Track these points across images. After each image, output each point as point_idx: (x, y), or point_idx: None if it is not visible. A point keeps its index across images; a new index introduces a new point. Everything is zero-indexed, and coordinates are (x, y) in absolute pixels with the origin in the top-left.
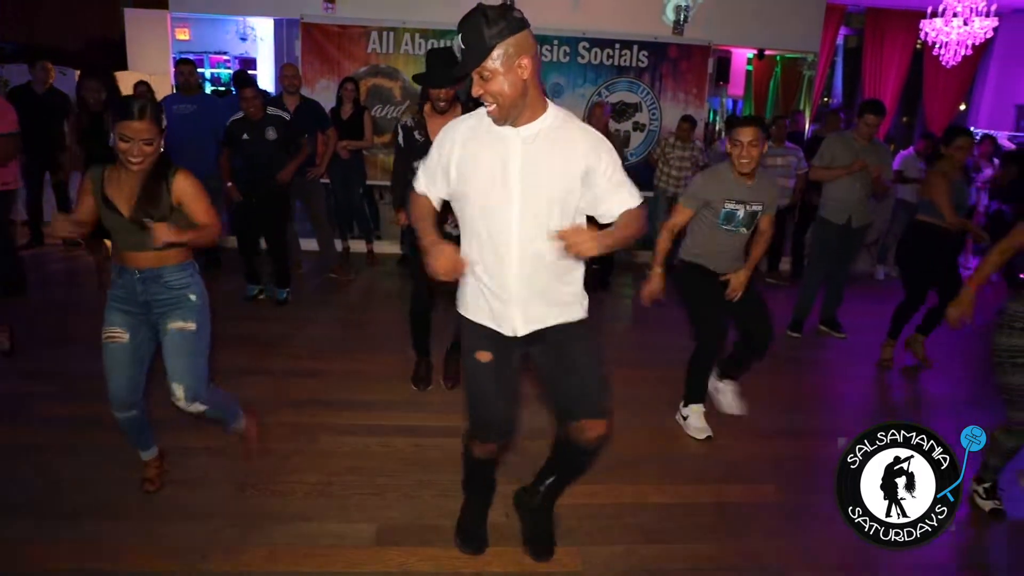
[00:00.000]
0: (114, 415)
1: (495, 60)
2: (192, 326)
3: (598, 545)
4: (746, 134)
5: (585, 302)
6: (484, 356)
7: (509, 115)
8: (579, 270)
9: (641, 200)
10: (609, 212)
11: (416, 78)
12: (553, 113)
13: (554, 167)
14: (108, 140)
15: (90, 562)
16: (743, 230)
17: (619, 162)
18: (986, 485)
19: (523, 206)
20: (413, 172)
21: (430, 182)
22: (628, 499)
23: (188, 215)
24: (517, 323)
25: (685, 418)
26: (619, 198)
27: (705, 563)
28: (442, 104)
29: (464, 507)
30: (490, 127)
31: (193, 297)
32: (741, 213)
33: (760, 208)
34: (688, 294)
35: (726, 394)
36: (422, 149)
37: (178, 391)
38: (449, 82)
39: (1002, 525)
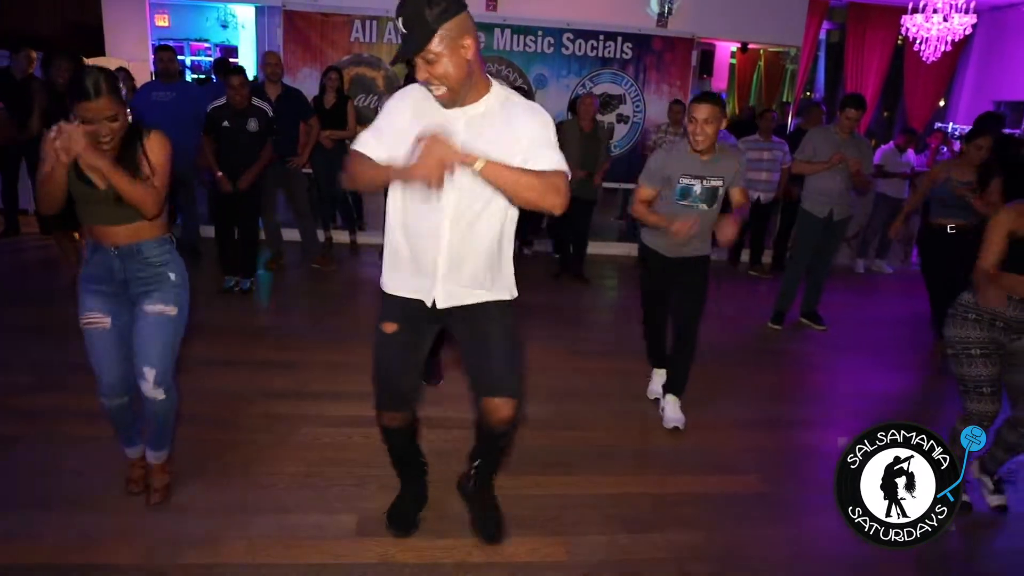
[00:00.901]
0: (104, 404)
1: (439, 43)
2: (172, 310)
3: (580, 535)
4: (701, 111)
5: (513, 287)
6: (390, 327)
7: (457, 97)
8: (508, 254)
9: (563, 170)
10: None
11: (398, 58)
12: (496, 92)
13: (496, 145)
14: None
15: (66, 556)
16: (702, 206)
17: (556, 139)
18: (996, 478)
19: (459, 182)
20: None
21: (377, 143)
22: (610, 489)
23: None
24: (438, 295)
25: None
26: (543, 158)
27: (687, 553)
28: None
29: (400, 486)
30: (426, 103)
31: (173, 276)
32: (698, 188)
33: (720, 183)
34: (641, 276)
35: (669, 406)
36: None
37: (149, 375)
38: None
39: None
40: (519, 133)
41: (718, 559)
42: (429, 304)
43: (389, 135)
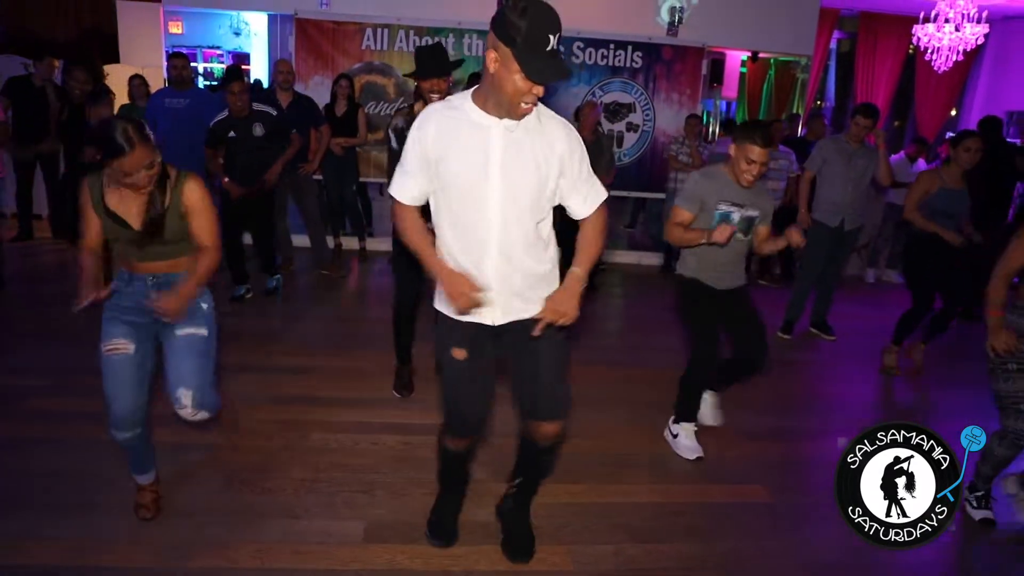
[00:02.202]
0: (115, 437)
1: None
2: (204, 331)
3: (586, 544)
4: (760, 155)
5: None
6: (459, 353)
7: None
8: (555, 261)
9: (605, 195)
10: (578, 209)
11: (410, 75)
12: None
13: (534, 156)
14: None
15: (78, 558)
16: (739, 235)
17: (587, 156)
18: (979, 494)
19: (504, 194)
20: None
21: (412, 182)
22: (616, 499)
23: (191, 228)
24: (496, 313)
25: (675, 436)
26: (588, 192)
27: (693, 563)
28: (435, 97)
29: (437, 500)
30: (468, 116)
31: (204, 305)
32: (736, 216)
33: (757, 215)
34: (685, 310)
35: (706, 403)
36: None
37: (185, 398)
38: (445, 71)
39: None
40: (554, 146)
41: (724, 569)
42: (489, 323)
43: (417, 168)
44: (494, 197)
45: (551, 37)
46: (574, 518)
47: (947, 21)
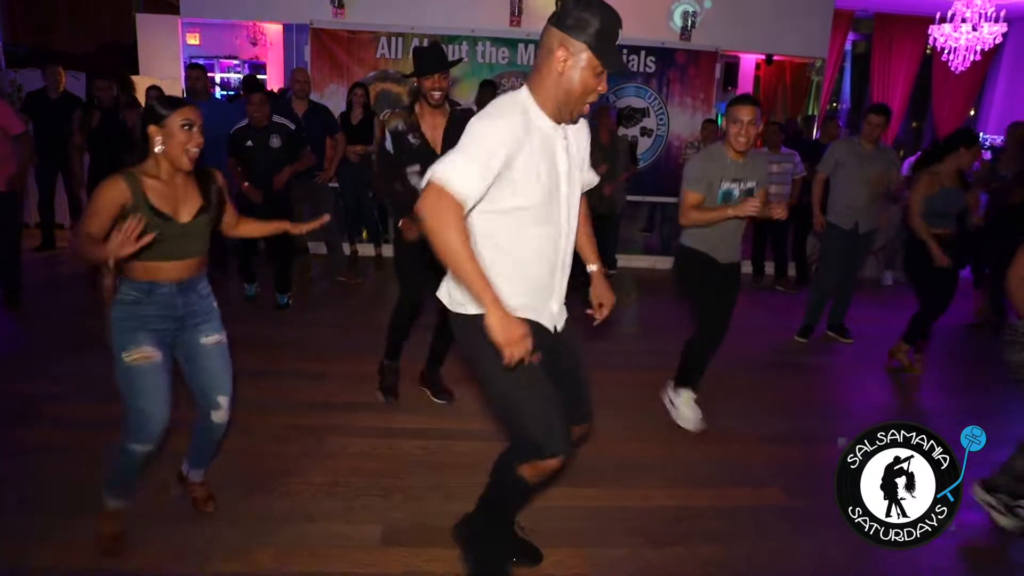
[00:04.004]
0: (141, 452)
1: None
2: (225, 338)
3: (603, 548)
4: (746, 113)
5: None
6: (536, 357)
7: None
8: None
9: (597, 179)
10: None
11: (410, 75)
12: None
13: (580, 157)
14: (121, 141)
15: (98, 561)
16: None
17: None
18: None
19: (570, 203)
20: (403, 177)
21: (480, 178)
22: (633, 502)
23: (225, 218)
24: (556, 318)
25: (673, 404)
26: (590, 179)
27: (710, 566)
28: (437, 95)
29: (491, 548)
30: (535, 121)
31: (215, 305)
32: (737, 192)
33: (755, 185)
34: (690, 282)
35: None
36: (418, 152)
37: (224, 402)
38: (445, 66)
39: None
40: (585, 142)
41: (741, 573)
42: (550, 327)
43: (488, 164)
44: (564, 206)
45: (619, 31)
46: (591, 522)
47: (964, 21)
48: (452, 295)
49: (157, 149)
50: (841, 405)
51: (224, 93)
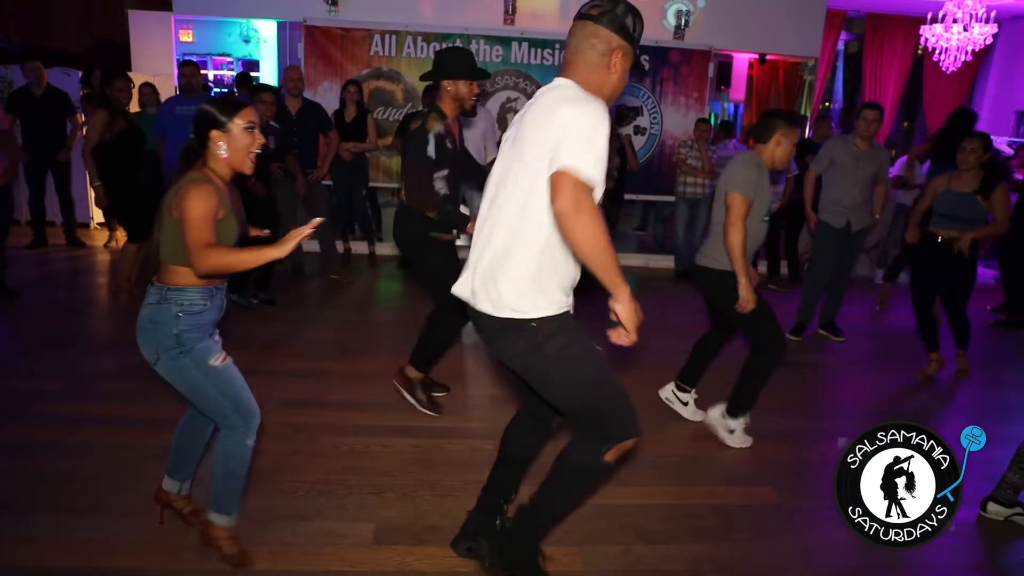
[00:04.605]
0: (251, 446)
1: None
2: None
3: (596, 545)
4: (796, 136)
5: None
6: (599, 345)
7: None
8: None
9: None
10: None
11: (469, 72)
12: None
13: None
14: (147, 143)
15: (89, 560)
16: (765, 218)
17: None
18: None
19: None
20: (435, 182)
21: (600, 174)
22: (626, 500)
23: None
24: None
25: (731, 431)
26: None
27: (702, 564)
28: (473, 101)
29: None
30: None
31: None
32: (774, 204)
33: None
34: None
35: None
36: (453, 158)
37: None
38: (486, 75)
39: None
40: None
41: (733, 570)
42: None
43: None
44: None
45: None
46: (583, 519)
47: (955, 21)
48: (535, 300)
49: (222, 154)
50: (832, 403)
51: (218, 91)
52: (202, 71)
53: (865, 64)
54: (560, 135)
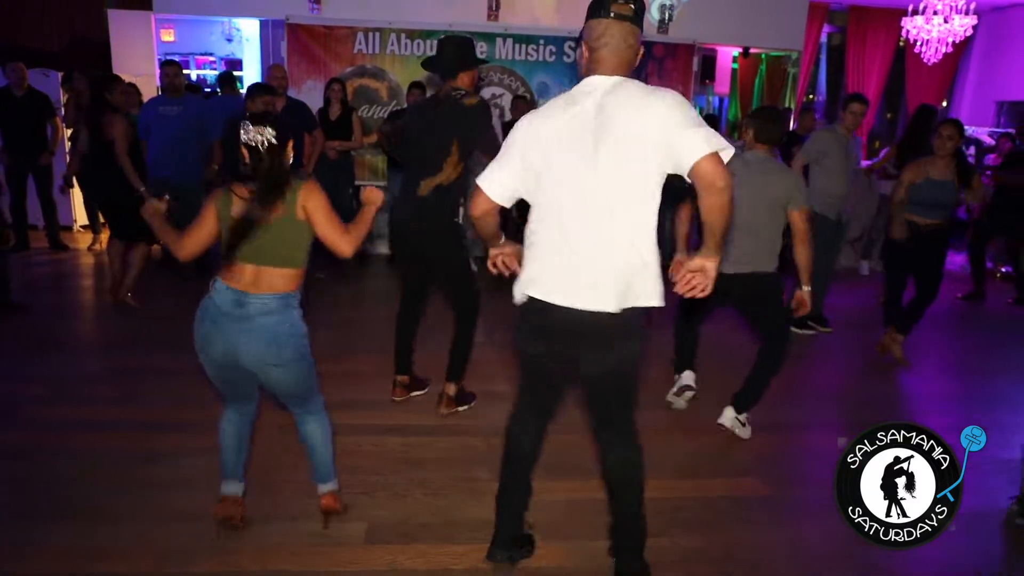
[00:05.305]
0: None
1: None
2: None
3: (584, 540)
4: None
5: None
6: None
7: None
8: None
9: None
10: None
11: (476, 64)
12: None
13: None
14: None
15: (81, 565)
16: None
17: None
18: None
19: None
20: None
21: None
22: None
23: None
24: None
25: (744, 424)
26: None
27: (691, 556)
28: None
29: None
30: None
31: None
32: None
33: None
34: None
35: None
36: None
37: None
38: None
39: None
40: None
41: (723, 562)
42: None
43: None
44: None
45: None
46: (572, 514)
47: (936, 13)
48: (644, 291)
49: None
50: (820, 395)
51: (206, 90)
52: (184, 71)
53: (848, 56)
54: (668, 126)
